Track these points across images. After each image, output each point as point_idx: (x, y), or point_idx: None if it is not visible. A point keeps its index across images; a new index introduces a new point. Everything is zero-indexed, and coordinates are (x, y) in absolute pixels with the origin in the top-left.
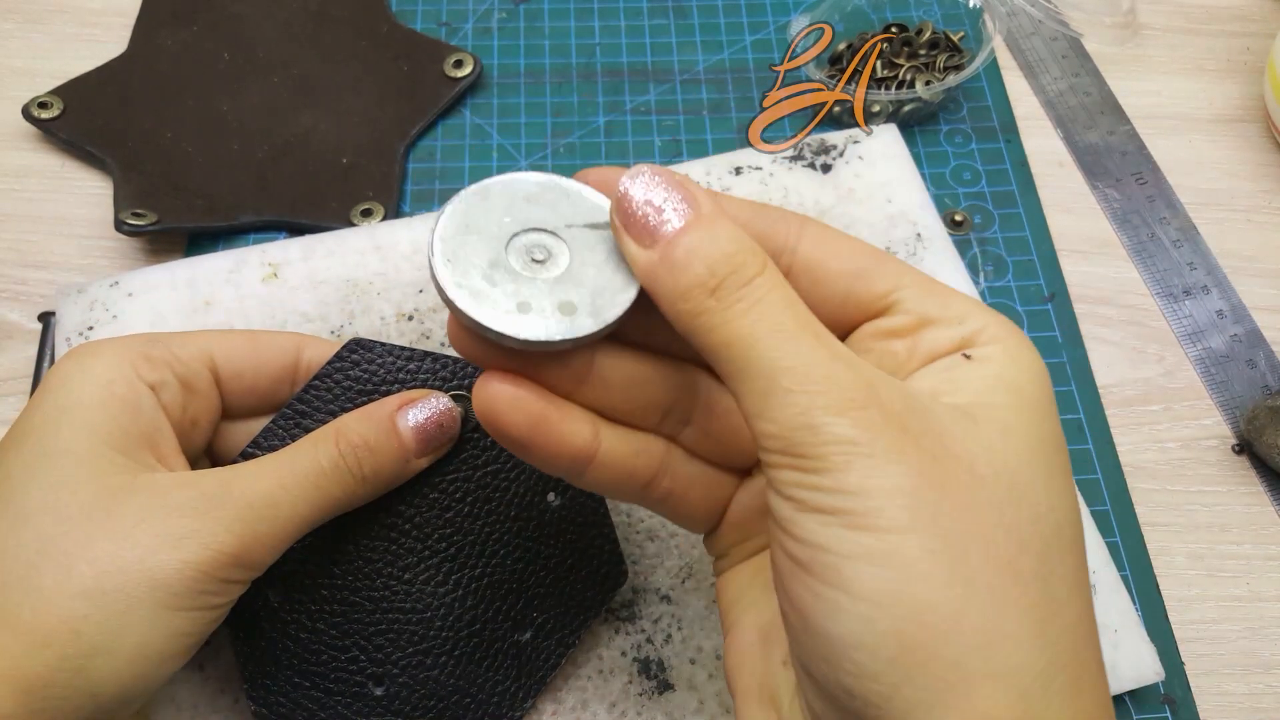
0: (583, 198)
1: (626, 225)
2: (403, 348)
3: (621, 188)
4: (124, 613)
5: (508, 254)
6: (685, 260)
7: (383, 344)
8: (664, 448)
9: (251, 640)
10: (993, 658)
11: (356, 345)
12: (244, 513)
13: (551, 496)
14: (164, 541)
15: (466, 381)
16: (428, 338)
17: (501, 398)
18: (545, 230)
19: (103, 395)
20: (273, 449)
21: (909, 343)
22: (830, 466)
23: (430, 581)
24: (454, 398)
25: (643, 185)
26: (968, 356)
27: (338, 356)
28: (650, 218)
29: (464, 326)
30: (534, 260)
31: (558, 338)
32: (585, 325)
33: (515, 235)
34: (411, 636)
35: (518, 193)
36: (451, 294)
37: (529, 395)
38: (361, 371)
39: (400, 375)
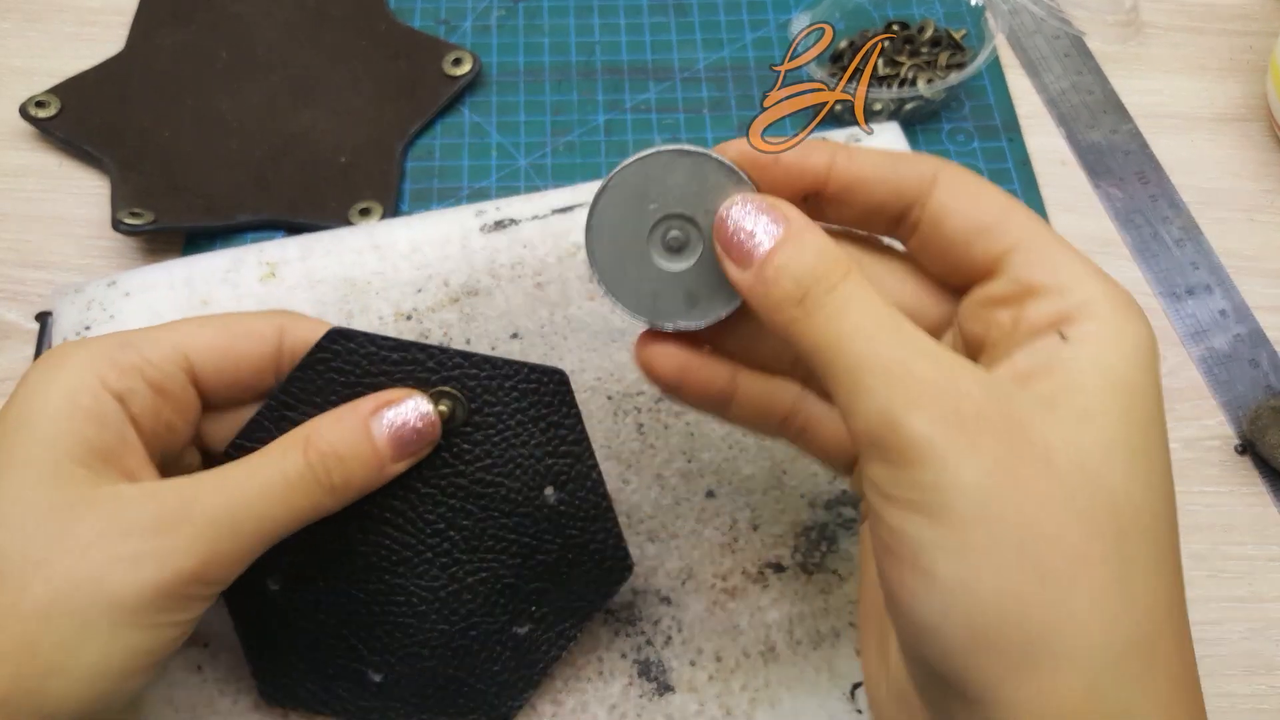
0: (723, 179)
1: (726, 250)
2: (386, 338)
3: (719, 215)
4: (80, 631)
5: (649, 242)
6: (775, 277)
7: (365, 334)
8: (798, 390)
9: (253, 623)
10: (1059, 641)
11: (337, 335)
12: (205, 530)
13: (549, 491)
14: (121, 560)
15: (454, 374)
16: (426, 337)
17: (655, 353)
18: (684, 217)
19: (67, 407)
20: (260, 443)
21: (1013, 313)
22: (909, 461)
23: (425, 576)
24: (438, 395)
25: (738, 212)
26: (1064, 336)
27: (318, 347)
28: (745, 241)
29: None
30: (670, 250)
31: (681, 326)
32: (703, 316)
33: (658, 223)
34: (408, 629)
35: (666, 173)
36: (599, 280)
37: (675, 350)
38: (343, 363)
39: (385, 366)
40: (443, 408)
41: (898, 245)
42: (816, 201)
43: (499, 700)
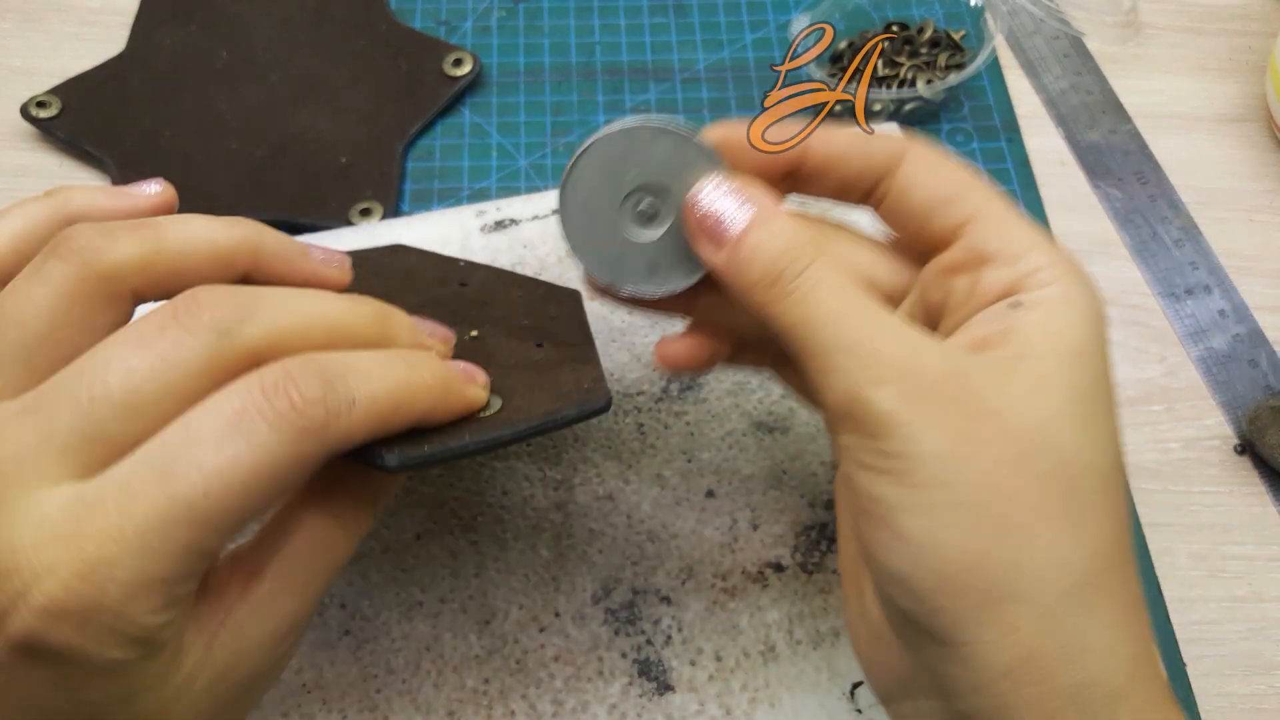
0: (700, 160)
1: (698, 230)
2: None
3: (692, 196)
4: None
5: (620, 210)
6: (748, 259)
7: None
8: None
9: None
10: (1017, 585)
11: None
12: None
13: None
14: None
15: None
16: None
17: (671, 350)
18: (657, 190)
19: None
20: None
21: (970, 279)
22: (877, 432)
23: None
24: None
25: (709, 195)
26: (1017, 304)
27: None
28: (716, 224)
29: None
30: (640, 220)
31: (638, 292)
32: (660, 286)
33: (631, 193)
34: None
35: (647, 148)
36: (567, 237)
37: (688, 345)
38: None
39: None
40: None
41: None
42: (794, 177)
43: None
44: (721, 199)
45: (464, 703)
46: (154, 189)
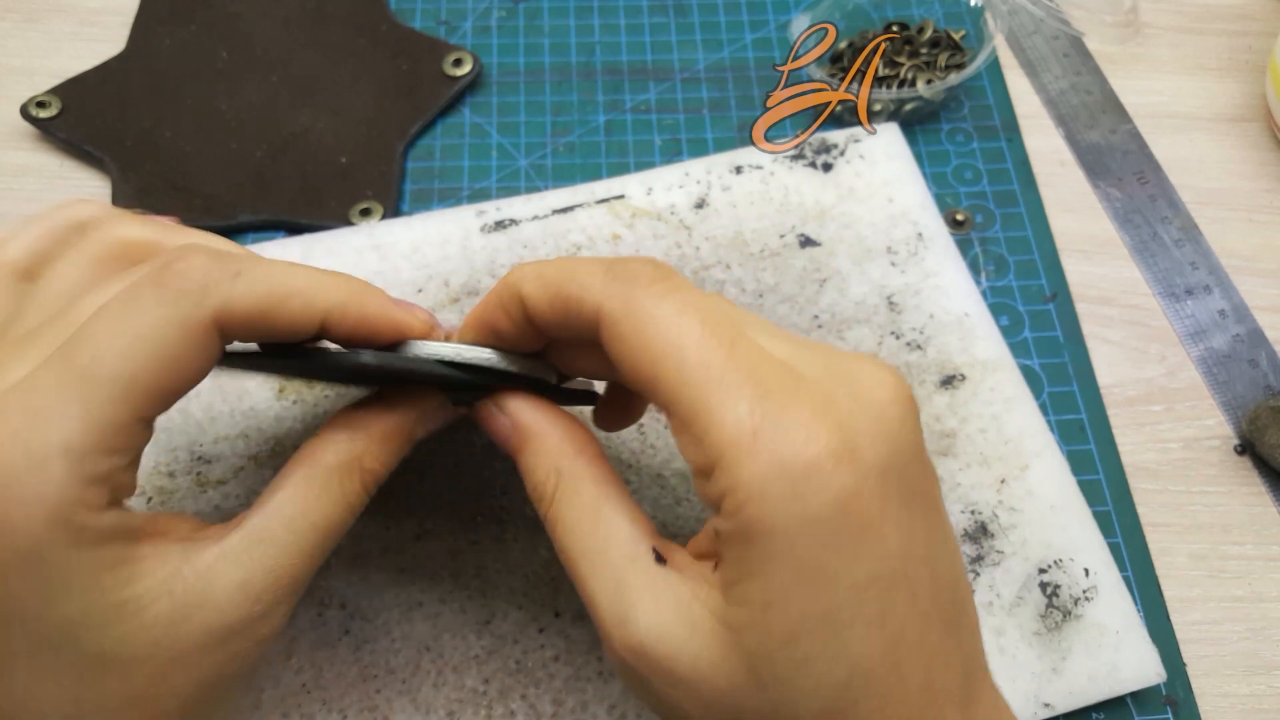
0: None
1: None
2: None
3: (480, 416)
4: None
5: None
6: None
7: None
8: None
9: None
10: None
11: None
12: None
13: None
14: None
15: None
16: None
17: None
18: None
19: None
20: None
21: (700, 488)
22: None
23: None
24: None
25: (489, 416)
26: (720, 528)
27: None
28: (503, 440)
29: None
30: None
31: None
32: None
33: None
34: None
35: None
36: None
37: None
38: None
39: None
40: None
41: None
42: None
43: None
44: (492, 414)
45: (464, 703)
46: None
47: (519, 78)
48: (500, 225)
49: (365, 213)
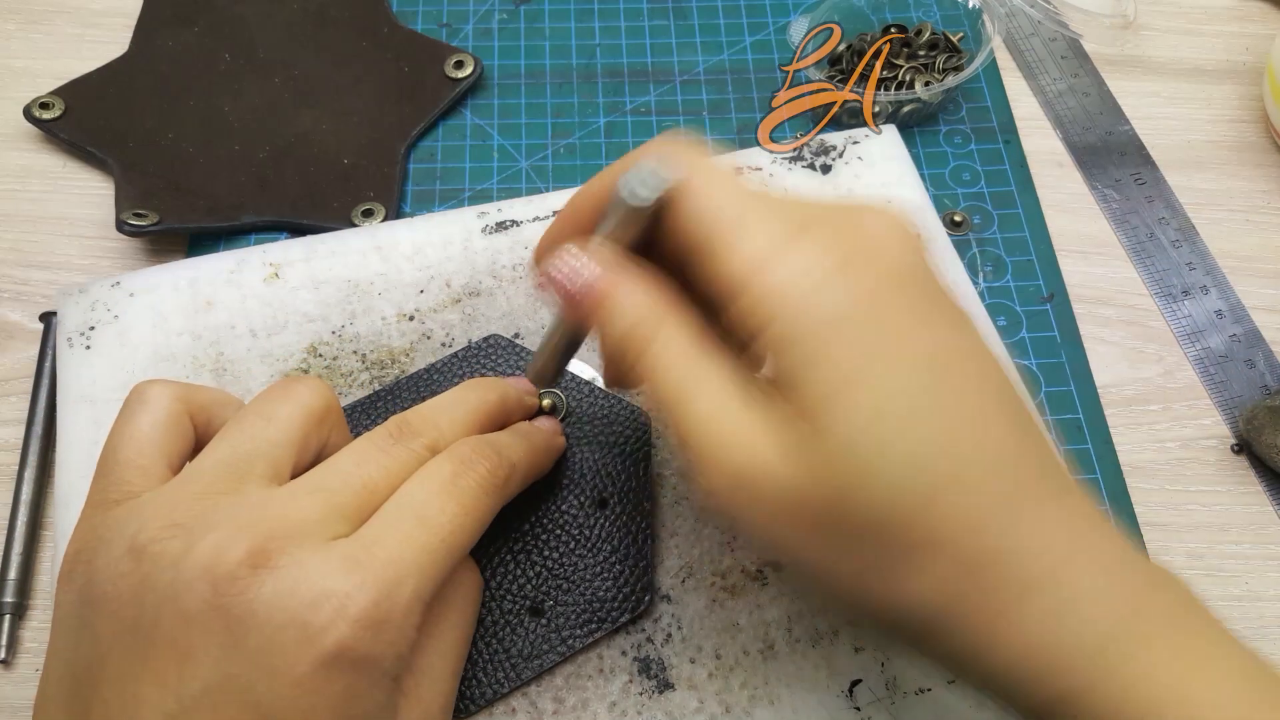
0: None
1: (558, 295)
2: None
3: (544, 267)
4: None
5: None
6: (604, 330)
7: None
8: None
9: None
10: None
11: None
12: None
13: (604, 500)
14: None
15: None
16: (428, 338)
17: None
18: None
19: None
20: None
21: (728, 319)
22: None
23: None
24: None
25: (561, 264)
26: (761, 354)
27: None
28: (569, 289)
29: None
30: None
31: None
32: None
33: None
34: None
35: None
36: None
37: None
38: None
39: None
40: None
41: None
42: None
43: (483, 681)
44: (571, 268)
45: None
46: None
47: (520, 80)
48: (502, 226)
49: (367, 214)
